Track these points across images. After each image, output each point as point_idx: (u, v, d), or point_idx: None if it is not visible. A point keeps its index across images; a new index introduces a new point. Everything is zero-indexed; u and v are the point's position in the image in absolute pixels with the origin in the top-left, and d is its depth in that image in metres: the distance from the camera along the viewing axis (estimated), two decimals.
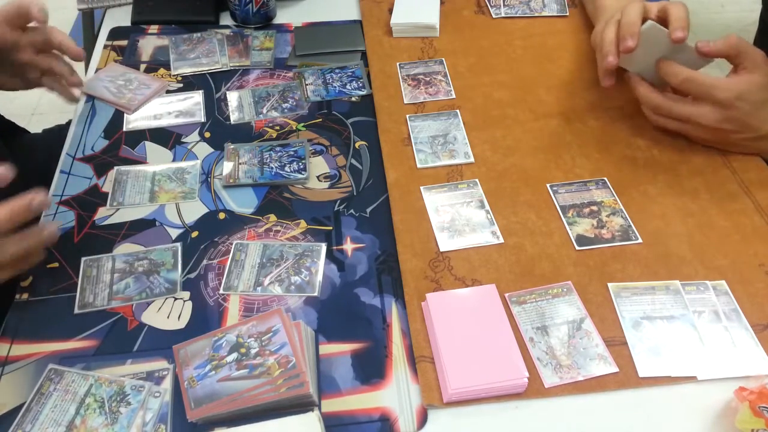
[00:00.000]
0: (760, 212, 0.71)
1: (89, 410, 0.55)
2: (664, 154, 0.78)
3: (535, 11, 1.00)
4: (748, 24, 2.22)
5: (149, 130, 0.82)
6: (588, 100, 0.85)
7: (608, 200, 0.72)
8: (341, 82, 0.89)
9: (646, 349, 0.59)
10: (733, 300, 0.63)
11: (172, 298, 0.64)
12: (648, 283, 0.64)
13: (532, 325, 0.61)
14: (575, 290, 0.64)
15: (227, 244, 0.69)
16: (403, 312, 0.63)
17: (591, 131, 0.81)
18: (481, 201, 0.72)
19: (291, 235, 0.70)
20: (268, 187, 0.75)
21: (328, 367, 0.59)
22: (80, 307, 0.64)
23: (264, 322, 0.59)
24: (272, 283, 0.65)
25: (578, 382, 0.57)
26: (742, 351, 0.59)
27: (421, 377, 0.58)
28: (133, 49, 0.95)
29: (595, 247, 0.68)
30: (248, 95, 0.87)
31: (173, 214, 0.73)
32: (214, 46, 0.94)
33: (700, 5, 2.43)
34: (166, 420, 0.55)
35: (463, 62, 0.91)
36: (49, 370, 0.58)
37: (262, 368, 0.56)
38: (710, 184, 0.74)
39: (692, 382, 0.57)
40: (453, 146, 0.79)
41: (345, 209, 0.73)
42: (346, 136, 0.82)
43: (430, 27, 0.95)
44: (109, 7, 1.04)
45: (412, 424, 0.55)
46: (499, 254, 0.67)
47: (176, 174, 0.77)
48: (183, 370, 0.57)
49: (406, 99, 0.86)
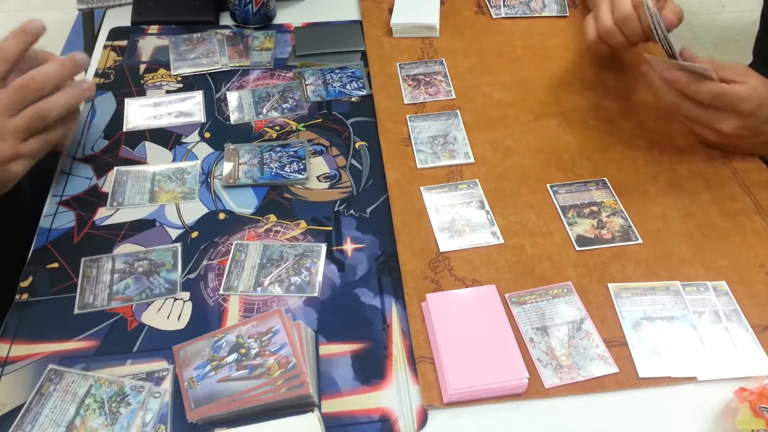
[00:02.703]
0: (760, 213, 0.71)
1: (89, 411, 0.55)
2: (664, 154, 0.77)
3: (535, 11, 1.00)
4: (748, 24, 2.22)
5: (149, 130, 0.82)
6: (588, 100, 0.85)
7: (608, 200, 0.72)
8: (341, 83, 0.89)
9: (647, 349, 0.59)
10: (733, 300, 0.63)
11: (172, 299, 0.64)
12: (648, 283, 0.64)
13: (532, 326, 0.61)
14: (575, 291, 0.64)
15: (227, 244, 0.69)
16: (403, 312, 0.63)
17: (591, 131, 0.81)
18: (481, 201, 0.72)
19: (291, 236, 0.70)
20: (268, 187, 0.75)
21: (328, 367, 0.59)
22: (80, 307, 0.64)
23: (264, 322, 0.59)
24: (272, 283, 0.65)
25: (578, 383, 0.57)
26: (742, 352, 0.59)
27: (421, 378, 0.58)
28: (133, 49, 0.95)
29: (595, 247, 0.68)
30: (248, 95, 0.87)
31: (173, 214, 0.73)
32: (214, 47, 0.94)
33: (700, 5, 2.42)
34: (166, 420, 0.55)
35: (463, 62, 0.91)
36: (49, 371, 0.58)
37: (262, 369, 0.56)
38: (711, 184, 0.74)
39: (692, 382, 0.57)
40: (453, 146, 0.79)
41: (345, 209, 0.73)
42: (346, 136, 0.82)
43: (430, 27, 0.95)
44: (109, 7, 1.04)
45: (412, 424, 0.55)
46: (499, 255, 0.67)
47: (176, 174, 0.77)
48: (183, 371, 0.57)
49: (406, 99, 0.86)
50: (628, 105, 0.84)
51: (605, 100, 0.85)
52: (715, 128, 0.71)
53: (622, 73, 0.88)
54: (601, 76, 0.88)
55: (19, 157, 0.66)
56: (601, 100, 0.85)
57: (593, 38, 0.83)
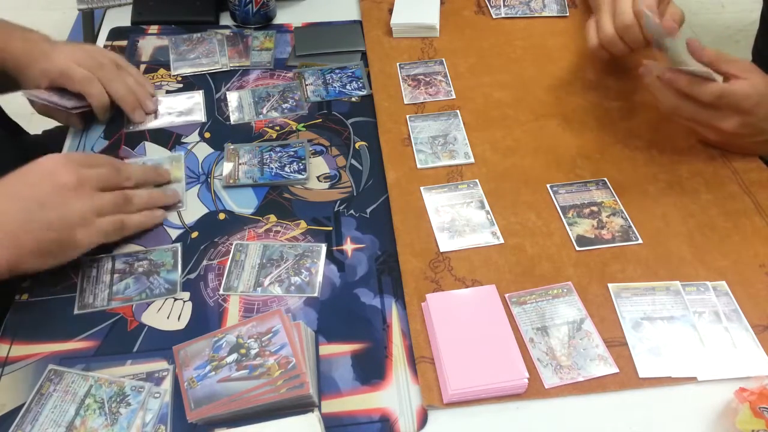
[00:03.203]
0: (760, 213, 0.71)
1: (89, 411, 0.55)
2: (664, 154, 0.77)
3: (535, 12, 1.00)
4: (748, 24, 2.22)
5: (149, 130, 0.82)
6: (588, 100, 0.85)
7: (608, 201, 0.72)
8: (341, 83, 0.89)
9: (647, 349, 0.59)
10: (733, 301, 0.63)
11: (172, 299, 0.64)
12: (648, 283, 0.64)
13: (532, 326, 0.61)
14: (575, 291, 0.64)
15: (227, 244, 0.69)
16: (403, 312, 0.63)
17: (591, 131, 0.81)
18: (481, 201, 0.72)
19: (291, 236, 0.70)
20: (268, 187, 0.75)
21: (328, 367, 0.59)
22: (80, 307, 0.64)
23: (264, 322, 0.59)
24: (272, 283, 0.65)
25: (578, 383, 0.57)
26: (742, 352, 0.59)
27: (421, 378, 0.58)
28: (133, 49, 0.95)
29: (595, 247, 0.68)
30: (248, 95, 0.87)
31: (173, 214, 0.73)
32: (214, 47, 0.94)
33: (700, 5, 2.42)
34: (166, 421, 0.55)
35: (463, 62, 0.91)
36: (49, 371, 0.58)
37: (262, 369, 0.56)
38: (711, 184, 0.74)
39: (692, 382, 0.57)
40: (453, 146, 0.79)
41: (345, 210, 0.73)
42: (346, 136, 0.82)
43: (430, 27, 0.95)
44: (109, 7, 1.04)
45: (412, 424, 0.55)
46: (500, 255, 0.67)
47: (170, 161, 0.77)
48: (183, 371, 0.57)
49: (406, 99, 0.85)
50: (628, 105, 0.84)
51: (605, 101, 0.85)
52: (716, 127, 0.71)
53: (622, 73, 0.88)
54: (602, 77, 0.88)
55: (89, 224, 0.62)
56: (601, 101, 0.85)
57: (595, 45, 0.83)
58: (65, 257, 0.62)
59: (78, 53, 0.78)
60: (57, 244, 0.60)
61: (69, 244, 0.61)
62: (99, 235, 0.63)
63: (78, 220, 0.61)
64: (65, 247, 0.61)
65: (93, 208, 0.62)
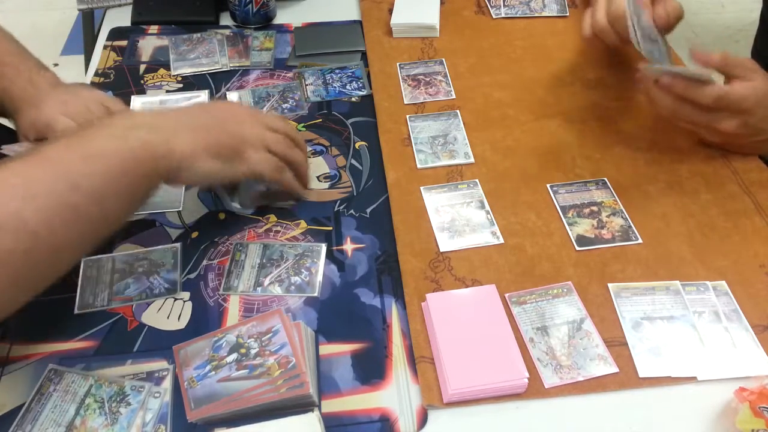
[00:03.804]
0: (760, 213, 0.71)
1: (89, 411, 0.55)
2: (664, 154, 0.77)
3: (535, 12, 1.00)
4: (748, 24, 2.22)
5: None
6: (588, 100, 0.85)
7: (608, 200, 0.72)
8: (341, 83, 0.89)
9: (646, 349, 0.59)
10: (733, 300, 0.63)
11: (172, 299, 0.64)
12: (648, 283, 0.64)
13: (532, 326, 0.61)
14: (575, 291, 0.64)
15: (227, 244, 0.69)
16: (403, 312, 0.63)
17: (591, 131, 0.81)
18: (481, 201, 0.72)
19: (291, 236, 0.70)
20: (267, 188, 0.75)
21: (328, 367, 0.59)
22: (80, 307, 0.64)
23: (264, 322, 0.59)
24: (272, 283, 0.65)
25: (578, 383, 0.57)
26: (742, 351, 0.59)
27: (421, 378, 0.58)
28: (133, 49, 0.95)
29: (595, 247, 0.68)
30: (248, 95, 0.87)
31: (173, 214, 0.73)
32: (214, 47, 0.94)
33: (700, 5, 2.42)
34: (166, 420, 0.55)
35: (463, 62, 0.91)
36: (49, 371, 0.58)
37: (262, 368, 0.56)
38: (711, 184, 0.74)
39: (692, 382, 0.57)
40: (453, 146, 0.79)
41: (345, 209, 0.73)
42: (346, 136, 0.82)
43: (430, 27, 0.95)
44: (109, 7, 1.04)
45: (412, 424, 0.55)
46: (500, 255, 0.67)
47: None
48: (183, 371, 0.57)
49: (406, 99, 0.86)
50: (628, 105, 0.84)
51: (605, 100, 0.85)
52: (715, 128, 0.71)
53: (622, 73, 0.88)
54: (602, 76, 0.88)
55: (259, 150, 0.67)
56: (601, 100, 0.85)
57: (588, 34, 0.84)
58: (232, 169, 0.65)
59: (71, 102, 0.74)
60: (230, 149, 0.64)
61: (239, 155, 0.65)
62: (264, 163, 0.67)
63: (252, 139, 0.66)
64: (235, 156, 0.65)
65: (265, 138, 0.68)
